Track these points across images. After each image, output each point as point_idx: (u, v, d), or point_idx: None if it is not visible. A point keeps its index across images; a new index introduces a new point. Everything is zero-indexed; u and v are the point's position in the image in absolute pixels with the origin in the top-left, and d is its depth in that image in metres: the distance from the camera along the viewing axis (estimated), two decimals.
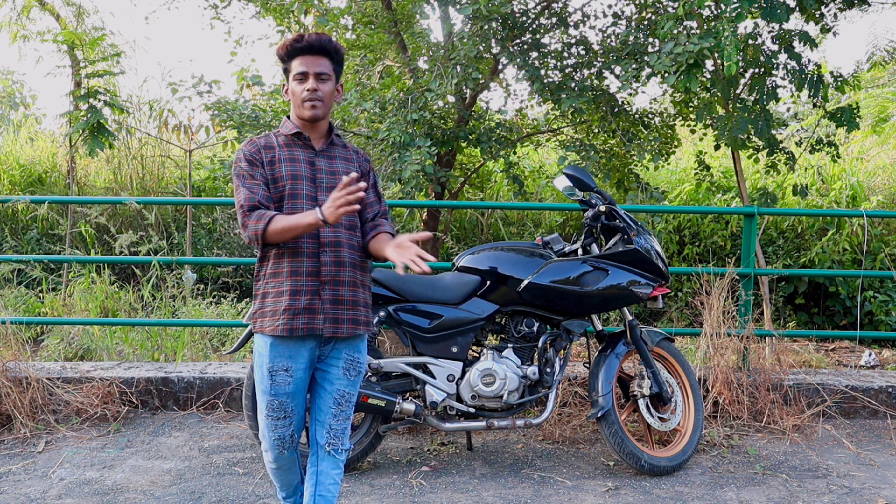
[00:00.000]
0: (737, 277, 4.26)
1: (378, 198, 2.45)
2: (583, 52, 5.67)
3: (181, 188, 7.88)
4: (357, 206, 2.10)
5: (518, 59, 5.23)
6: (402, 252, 2.13)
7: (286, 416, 2.30)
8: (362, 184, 2.09)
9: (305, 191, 2.28)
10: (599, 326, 3.53)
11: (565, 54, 5.66)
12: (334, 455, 2.35)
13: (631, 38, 5.28)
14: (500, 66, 5.79)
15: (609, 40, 5.78)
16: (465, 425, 3.26)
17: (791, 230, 6.77)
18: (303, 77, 2.28)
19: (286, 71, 2.34)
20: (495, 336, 3.49)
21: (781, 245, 6.65)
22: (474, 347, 3.40)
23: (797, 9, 4.82)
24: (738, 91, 5.18)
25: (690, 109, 6.05)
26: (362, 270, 2.37)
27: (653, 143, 5.60)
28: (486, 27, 5.12)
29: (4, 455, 3.49)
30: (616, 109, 5.69)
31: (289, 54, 2.30)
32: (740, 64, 4.69)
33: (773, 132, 5.14)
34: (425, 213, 5.94)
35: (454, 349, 3.24)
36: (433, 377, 3.23)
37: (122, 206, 7.17)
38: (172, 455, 3.50)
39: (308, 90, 2.26)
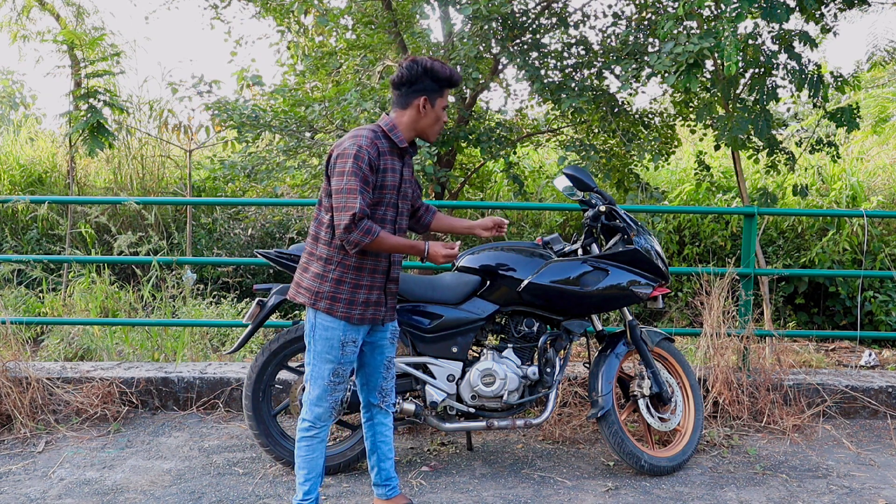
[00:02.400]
0: (737, 277, 4.26)
1: (419, 185, 2.85)
2: (583, 52, 5.68)
3: (181, 188, 7.88)
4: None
5: (518, 59, 5.23)
6: (495, 231, 2.82)
7: (344, 380, 2.62)
8: (457, 248, 2.61)
9: (393, 199, 2.59)
10: (599, 326, 3.53)
11: (565, 54, 5.66)
12: (386, 410, 2.79)
13: (631, 38, 5.29)
14: (500, 66, 5.79)
15: (609, 40, 5.79)
16: (465, 425, 3.26)
17: (791, 230, 6.77)
18: (446, 108, 2.64)
19: (434, 92, 2.57)
20: (495, 336, 3.49)
21: (781, 245, 6.65)
22: (474, 347, 3.39)
23: (797, 9, 4.82)
24: (738, 91, 5.18)
25: (690, 109, 6.05)
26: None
27: (653, 143, 5.61)
28: (486, 27, 5.12)
29: (4, 455, 3.49)
30: (616, 109, 5.69)
31: (448, 84, 2.60)
32: (740, 64, 4.69)
33: (773, 132, 5.14)
34: None
35: (454, 349, 3.24)
36: (433, 377, 3.23)
37: (122, 206, 7.18)
38: (172, 455, 3.50)
39: (444, 121, 2.64)
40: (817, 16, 5.10)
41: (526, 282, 3.22)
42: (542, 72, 5.34)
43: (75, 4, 7.97)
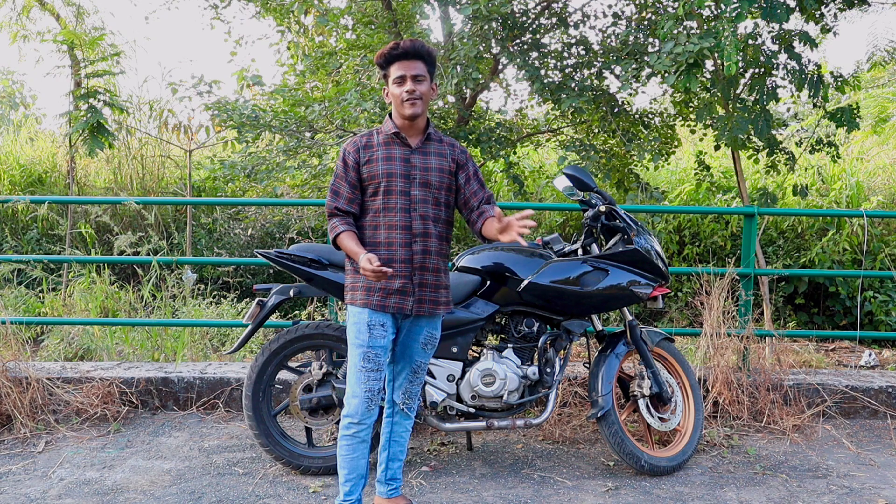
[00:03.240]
0: (737, 277, 4.26)
1: (481, 185, 2.72)
2: (583, 52, 5.68)
3: (181, 188, 7.88)
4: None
5: (518, 59, 5.23)
6: (509, 232, 2.45)
7: (378, 368, 2.58)
8: (389, 270, 2.37)
9: (399, 187, 2.57)
10: (599, 326, 3.53)
11: (565, 54, 5.66)
12: (407, 412, 2.78)
13: (631, 38, 5.29)
14: (500, 66, 5.79)
15: (609, 40, 5.79)
16: (465, 425, 3.26)
17: (791, 230, 6.77)
18: (401, 80, 2.55)
19: (386, 76, 2.61)
20: (495, 336, 3.49)
21: (781, 245, 6.65)
22: (474, 347, 3.39)
23: (797, 9, 4.82)
24: (738, 91, 5.18)
25: (690, 109, 6.05)
26: (445, 258, 2.69)
27: (653, 143, 5.61)
28: (486, 27, 5.12)
29: (4, 455, 3.48)
30: (616, 109, 5.69)
31: (387, 61, 2.57)
32: (740, 64, 4.69)
33: (773, 132, 5.14)
34: None
35: (454, 349, 3.24)
36: (433, 377, 3.23)
37: (122, 206, 7.17)
38: (172, 455, 3.50)
39: (407, 91, 2.54)
40: (817, 16, 5.10)
41: (526, 282, 3.22)
42: (542, 72, 5.34)
43: (75, 4, 7.97)
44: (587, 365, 3.67)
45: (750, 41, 4.82)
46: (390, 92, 2.60)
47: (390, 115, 2.66)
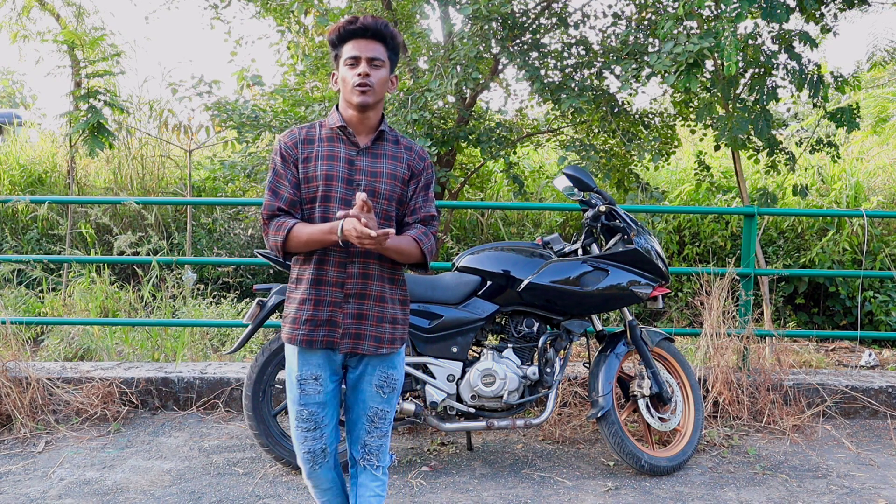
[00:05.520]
0: (737, 277, 4.26)
1: (426, 201, 2.23)
2: (583, 52, 5.67)
3: (181, 188, 7.88)
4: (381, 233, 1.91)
5: (518, 59, 5.23)
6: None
7: (316, 426, 2.16)
8: (390, 230, 1.92)
9: (339, 193, 2.11)
10: (599, 326, 3.53)
11: (565, 54, 5.66)
12: (372, 471, 2.22)
13: (631, 38, 5.28)
14: (500, 66, 5.79)
15: (609, 40, 5.79)
16: (465, 425, 3.26)
17: (791, 230, 6.77)
18: (354, 62, 2.10)
19: (336, 57, 2.15)
20: (495, 336, 3.49)
21: (781, 245, 6.65)
22: (474, 347, 3.40)
23: (797, 9, 4.82)
24: (738, 91, 5.18)
25: (690, 109, 6.05)
26: (394, 284, 2.18)
27: (653, 143, 5.61)
28: (486, 27, 5.12)
29: (4, 455, 3.48)
30: (616, 109, 5.69)
31: (340, 38, 2.12)
32: (740, 64, 4.69)
33: (773, 132, 5.14)
34: None
35: (454, 349, 3.24)
36: (433, 377, 3.23)
37: (122, 206, 7.17)
38: (172, 455, 3.50)
39: (359, 75, 2.08)
40: (817, 16, 5.10)
41: (526, 282, 3.22)
42: (542, 72, 5.34)
43: (75, 4, 7.97)
44: (587, 365, 3.67)
45: (750, 41, 4.82)
46: (339, 76, 2.14)
47: (337, 106, 2.20)
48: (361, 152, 2.16)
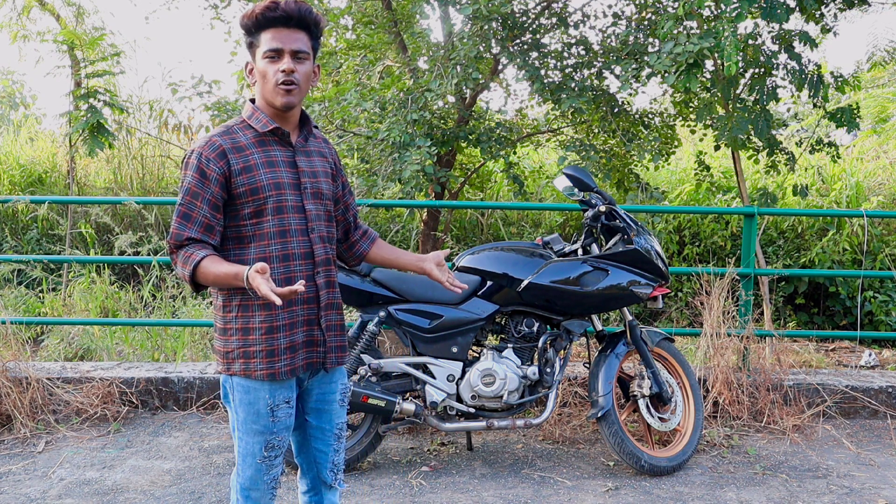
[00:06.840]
0: (737, 277, 4.26)
1: (350, 195, 2.14)
2: (583, 52, 5.67)
3: None
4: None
5: (518, 59, 5.23)
6: (444, 272, 2.13)
7: (281, 451, 1.98)
8: (301, 287, 1.69)
9: (291, 201, 1.90)
10: (599, 326, 3.53)
11: (565, 54, 5.65)
12: (337, 488, 2.13)
13: (631, 38, 5.28)
14: (500, 66, 5.78)
15: (609, 40, 5.78)
16: (465, 425, 3.26)
17: (791, 230, 6.77)
18: (275, 55, 1.84)
19: (251, 45, 1.88)
20: (495, 336, 3.49)
21: (781, 245, 6.65)
22: (474, 347, 3.40)
23: (797, 9, 4.82)
24: (738, 91, 5.18)
25: (690, 109, 6.05)
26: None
27: (653, 143, 5.60)
28: (486, 27, 5.11)
29: (4, 455, 3.48)
30: (616, 109, 5.69)
31: (258, 25, 1.84)
32: (740, 64, 4.69)
33: (773, 132, 5.14)
34: (425, 214, 5.94)
35: (454, 349, 3.25)
36: (433, 377, 3.23)
37: (123, 206, 7.17)
38: (172, 455, 3.50)
39: (283, 72, 1.83)
40: (817, 16, 5.09)
41: (526, 282, 3.22)
42: (542, 72, 5.33)
43: (75, 4, 7.96)
44: (587, 365, 3.67)
45: (750, 41, 4.82)
46: (256, 69, 1.87)
47: (252, 101, 1.95)
48: (297, 152, 1.95)
